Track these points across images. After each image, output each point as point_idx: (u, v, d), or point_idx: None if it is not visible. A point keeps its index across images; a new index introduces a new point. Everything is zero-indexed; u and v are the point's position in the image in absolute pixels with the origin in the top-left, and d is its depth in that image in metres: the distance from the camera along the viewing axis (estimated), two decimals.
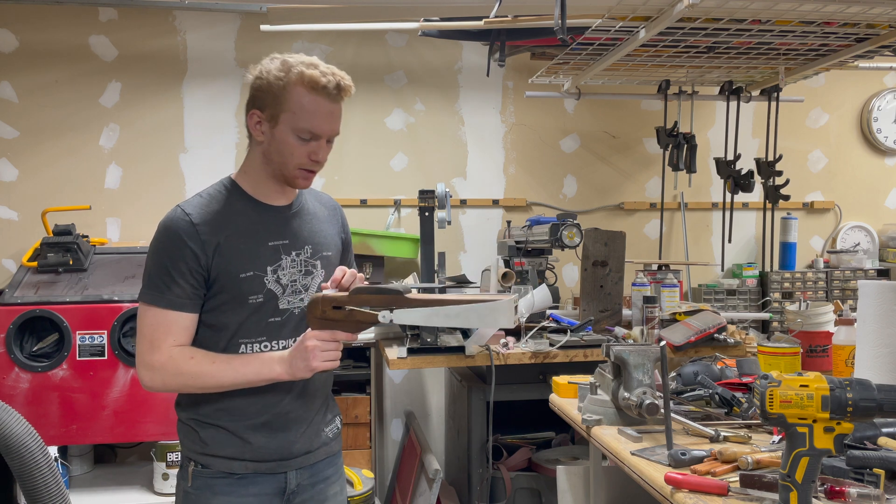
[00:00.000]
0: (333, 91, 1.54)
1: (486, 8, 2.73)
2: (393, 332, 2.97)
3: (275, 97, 1.54)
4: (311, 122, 1.54)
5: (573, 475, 2.16)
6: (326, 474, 1.72)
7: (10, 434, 1.53)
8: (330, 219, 1.76)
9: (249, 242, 1.58)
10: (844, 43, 2.87)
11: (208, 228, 1.55)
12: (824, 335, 2.33)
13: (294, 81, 1.52)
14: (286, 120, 1.54)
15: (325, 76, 1.53)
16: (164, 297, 1.53)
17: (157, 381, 1.55)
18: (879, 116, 4.13)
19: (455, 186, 3.87)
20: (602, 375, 1.87)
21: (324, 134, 1.56)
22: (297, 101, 1.52)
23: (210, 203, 1.59)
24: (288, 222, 1.65)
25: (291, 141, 1.55)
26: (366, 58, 3.79)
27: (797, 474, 1.16)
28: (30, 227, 3.51)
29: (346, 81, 1.56)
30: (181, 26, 3.65)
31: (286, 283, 1.61)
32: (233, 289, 1.56)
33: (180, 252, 1.53)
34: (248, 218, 1.60)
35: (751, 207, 4.07)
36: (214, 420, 1.60)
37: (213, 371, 1.54)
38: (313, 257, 1.66)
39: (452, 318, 1.49)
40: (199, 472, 1.61)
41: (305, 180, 1.61)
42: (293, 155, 1.56)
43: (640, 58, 3.09)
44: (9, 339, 2.87)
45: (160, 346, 1.53)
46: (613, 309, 2.92)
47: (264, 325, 1.60)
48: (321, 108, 1.54)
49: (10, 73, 3.54)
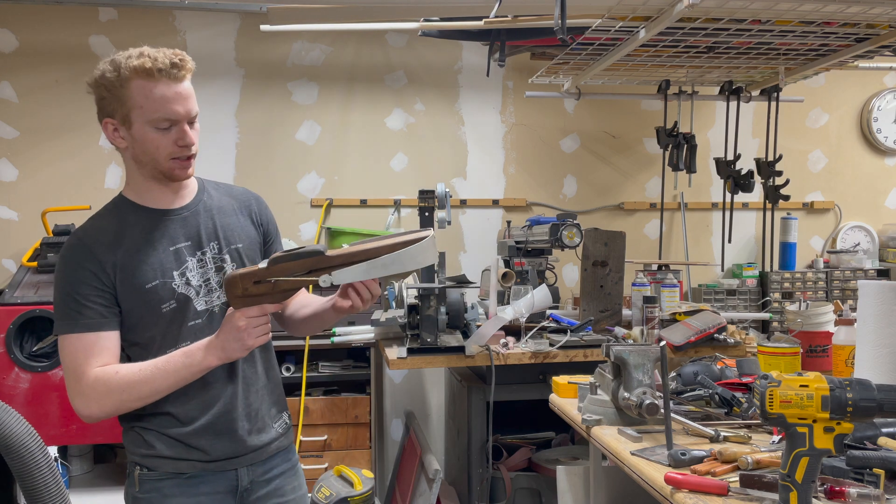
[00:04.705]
0: (173, 70, 1.48)
1: (486, 8, 2.74)
2: (393, 332, 2.97)
3: (118, 99, 1.49)
4: (162, 110, 1.49)
5: (573, 475, 2.16)
6: (281, 469, 1.70)
7: (10, 434, 1.53)
8: (239, 210, 1.70)
9: (148, 251, 1.55)
10: (844, 43, 2.87)
11: (103, 247, 1.52)
12: (824, 335, 2.32)
13: (129, 76, 1.47)
14: (138, 116, 1.49)
15: (157, 60, 1.47)
16: (76, 322, 1.49)
17: (93, 407, 1.49)
18: (879, 116, 4.13)
19: (455, 186, 3.87)
20: (602, 375, 1.87)
21: (180, 117, 1.51)
22: (140, 93, 1.48)
23: (101, 222, 1.57)
24: (186, 223, 1.61)
25: (152, 135, 1.50)
26: (366, 58, 3.79)
27: (797, 474, 1.16)
28: (30, 227, 3.51)
29: (179, 57, 1.50)
30: (181, 26, 3.65)
31: (197, 283, 1.58)
32: (142, 301, 1.53)
33: (79, 276, 1.50)
34: (142, 228, 1.56)
35: (751, 207, 4.07)
36: (157, 428, 1.57)
37: (142, 378, 1.49)
38: (221, 252, 1.62)
39: (389, 266, 1.48)
40: (145, 475, 1.58)
41: (183, 169, 1.56)
42: (159, 148, 1.51)
43: (640, 58, 3.09)
44: (9, 339, 2.87)
45: (85, 371, 1.49)
46: (613, 309, 2.92)
47: (185, 329, 1.56)
48: (167, 92, 1.48)
49: (10, 73, 3.54)
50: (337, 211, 3.80)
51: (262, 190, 3.61)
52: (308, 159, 3.77)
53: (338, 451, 3.20)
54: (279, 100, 3.74)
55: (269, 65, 3.73)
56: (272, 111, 3.74)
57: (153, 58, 1.48)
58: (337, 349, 3.27)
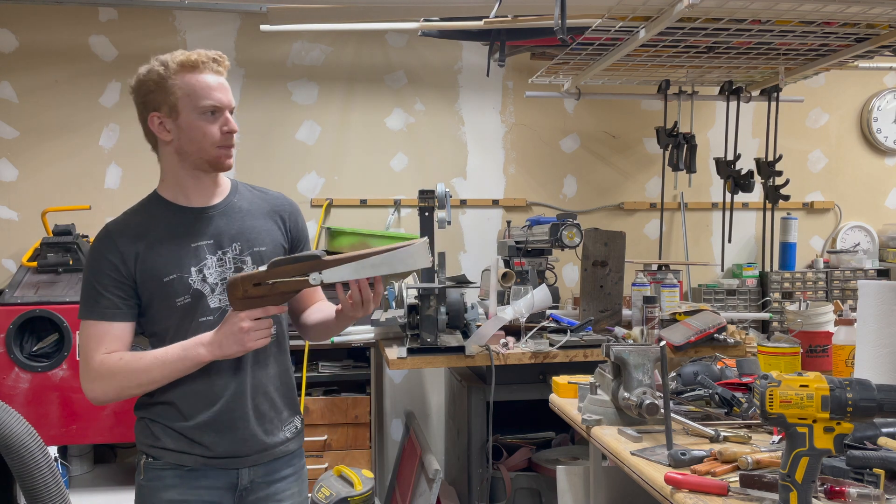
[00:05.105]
0: (212, 64, 1.61)
1: (486, 8, 2.74)
2: (393, 332, 2.97)
3: (165, 92, 1.59)
4: (209, 96, 1.59)
5: (573, 475, 2.16)
6: (284, 473, 1.72)
7: (10, 434, 1.53)
8: (269, 215, 1.76)
9: (170, 246, 1.61)
10: (844, 43, 2.87)
11: (127, 239, 1.60)
12: (824, 335, 2.32)
13: (175, 71, 1.58)
14: (185, 106, 1.58)
15: (198, 55, 1.60)
16: (93, 310, 1.59)
17: (98, 390, 1.58)
18: (879, 116, 4.13)
19: (455, 186, 3.87)
20: (602, 375, 1.87)
21: (224, 105, 1.61)
22: (187, 84, 1.58)
23: (132, 216, 1.66)
24: (212, 221, 1.66)
25: (200, 123, 1.59)
26: (366, 58, 3.79)
27: (797, 474, 1.16)
28: (30, 227, 3.51)
29: (216, 53, 1.63)
30: (181, 26, 3.65)
31: (214, 281, 1.63)
32: (159, 293, 1.60)
33: (101, 265, 1.59)
34: (167, 223, 1.64)
35: (751, 207, 4.07)
36: (163, 420, 1.63)
37: (142, 366, 1.56)
38: (242, 254, 1.67)
39: (378, 266, 1.54)
40: (150, 464, 1.64)
41: (228, 157, 1.65)
42: (206, 134, 1.60)
43: (640, 58, 3.09)
44: (9, 339, 2.88)
45: (93, 357, 1.58)
46: (613, 309, 2.92)
47: (196, 325, 1.61)
48: (211, 82, 1.60)
49: (10, 73, 3.54)
50: (337, 211, 3.80)
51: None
52: (308, 159, 3.77)
53: (338, 451, 3.20)
54: (279, 100, 3.74)
55: (269, 65, 3.73)
56: (272, 111, 3.74)
57: (197, 53, 1.60)
58: (337, 349, 3.27)
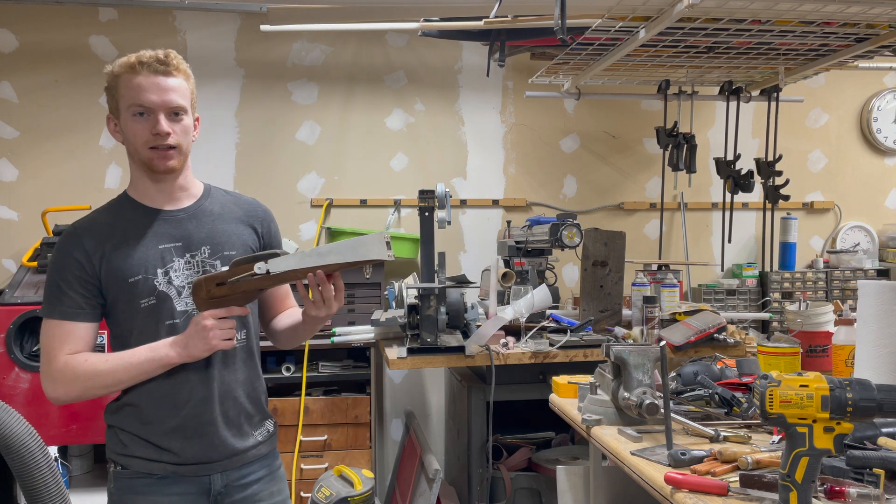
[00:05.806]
0: (156, 64, 1.58)
1: (486, 8, 2.74)
2: (393, 332, 2.97)
3: (111, 95, 1.61)
4: (137, 97, 1.57)
5: (573, 475, 2.16)
6: (259, 475, 1.70)
7: (10, 434, 1.53)
8: (241, 219, 1.74)
9: (136, 247, 1.60)
10: (844, 43, 2.87)
11: (94, 238, 1.59)
12: (824, 335, 2.32)
13: (119, 72, 1.59)
14: (122, 108, 1.59)
15: (143, 56, 1.58)
16: (56, 308, 1.57)
17: (60, 391, 1.57)
18: (879, 116, 4.13)
19: (455, 186, 3.87)
20: (602, 375, 1.87)
21: (154, 105, 1.57)
22: (126, 85, 1.58)
23: (100, 215, 1.65)
24: (181, 224, 1.65)
25: (131, 124, 1.58)
26: (366, 58, 3.79)
27: (797, 474, 1.16)
28: (30, 227, 3.51)
29: (167, 54, 1.60)
30: (181, 26, 3.65)
31: (181, 284, 1.61)
32: (124, 294, 1.59)
33: (66, 263, 1.58)
34: (136, 224, 1.63)
35: (751, 207, 4.07)
36: (131, 429, 1.61)
37: (107, 369, 1.55)
38: (212, 257, 1.65)
39: (325, 255, 1.52)
40: (119, 473, 1.63)
41: (162, 160, 1.60)
42: (136, 135, 1.58)
43: (640, 58, 3.09)
44: (9, 339, 2.87)
45: (56, 356, 1.56)
46: (613, 309, 2.92)
47: (161, 327, 1.60)
48: (146, 82, 1.57)
49: (10, 73, 3.54)
50: (337, 211, 3.80)
51: (262, 190, 3.65)
52: (308, 159, 3.77)
53: (338, 451, 3.20)
54: (279, 100, 3.74)
55: (269, 65, 3.73)
56: (272, 111, 3.74)
57: (140, 54, 1.59)
58: (337, 349, 3.27)
